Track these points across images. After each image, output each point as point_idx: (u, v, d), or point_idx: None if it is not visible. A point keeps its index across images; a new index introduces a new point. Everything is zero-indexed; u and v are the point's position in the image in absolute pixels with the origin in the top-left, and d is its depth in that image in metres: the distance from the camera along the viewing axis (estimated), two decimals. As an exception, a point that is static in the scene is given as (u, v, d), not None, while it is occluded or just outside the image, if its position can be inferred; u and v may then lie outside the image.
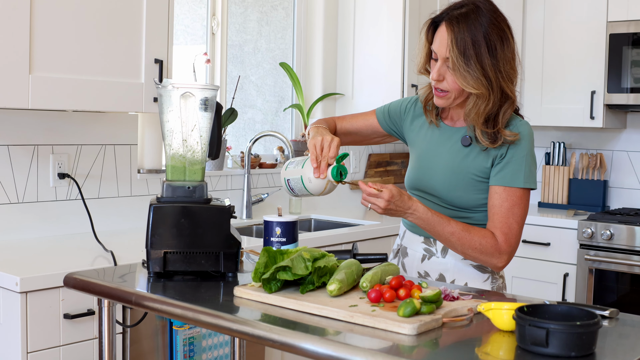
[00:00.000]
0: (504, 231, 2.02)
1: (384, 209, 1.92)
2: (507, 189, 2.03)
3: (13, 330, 2.20)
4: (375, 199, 1.91)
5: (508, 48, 1.98)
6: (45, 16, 2.45)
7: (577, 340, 1.33)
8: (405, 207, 1.95)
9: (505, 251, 2.02)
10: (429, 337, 1.46)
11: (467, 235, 2.00)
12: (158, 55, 2.77)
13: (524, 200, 2.05)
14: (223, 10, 3.71)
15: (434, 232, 2.01)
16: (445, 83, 2.01)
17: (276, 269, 1.66)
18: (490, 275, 2.15)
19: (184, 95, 1.90)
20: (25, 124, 2.79)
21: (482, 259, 2.03)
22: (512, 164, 2.03)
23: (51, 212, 2.88)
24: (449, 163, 2.10)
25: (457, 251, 2.03)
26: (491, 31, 1.95)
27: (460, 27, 1.95)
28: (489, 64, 1.95)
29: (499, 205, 2.03)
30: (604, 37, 3.97)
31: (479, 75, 1.94)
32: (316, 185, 1.96)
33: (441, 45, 1.98)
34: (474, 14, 1.96)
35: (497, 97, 1.99)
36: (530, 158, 2.05)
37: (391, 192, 1.90)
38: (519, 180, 2.02)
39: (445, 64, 1.99)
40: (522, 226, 2.06)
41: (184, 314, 1.65)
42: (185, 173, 1.94)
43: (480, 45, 1.94)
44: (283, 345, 1.46)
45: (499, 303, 1.49)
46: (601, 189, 4.31)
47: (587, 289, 3.78)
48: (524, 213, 2.05)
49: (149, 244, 1.88)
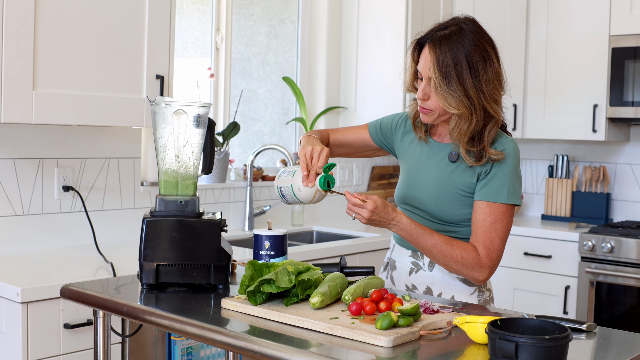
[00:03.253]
0: (486, 245, 2.05)
1: (368, 219, 1.97)
2: (490, 204, 2.06)
3: (14, 339, 2.25)
4: (360, 209, 1.96)
5: (491, 68, 2.02)
6: (48, 33, 2.52)
7: (546, 353, 1.37)
8: (389, 218, 1.99)
9: (486, 265, 2.05)
10: (405, 350, 1.50)
11: (449, 248, 2.04)
12: (159, 71, 2.83)
13: (507, 215, 2.08)
14: (227, 25, 3.78)
15: (416, 244, 2.05)
16: (430, 102, 2.06)
17: (261, 282, 1.70)
18: (477, 288, 2.18)
19: (177, 112, 1.96)
20: (31, 137, 2.86)
21: (464, 272, 2.06)
22: (496, 179, 2.06)
23: (55, 224, 2.95)
24: (436, 178, 2.14)
25: (440, 263, 2.07)
26: (473, 52, 1.99)
27: (442, 48, 2.00)
28: (471, 85, 1.98)
29: (482, 220, 2.07)
30: (607, 50, 4.00)
31: (461, 95, 1.98)
32: (305, 193, 2.01)
33: (425, 66, 2.04)
34: (457, 35, 2.01)
35: (480, 117, 2.03)
36: (515, 175, 2.08)
37: (375, 204, 1.95)
38: (502, 196, 2.06)
39: (429, 84, 2.04)
40: (505, 241, 2.09)
41: (172, 325, 1.70)
42: (177, 188, 2.00)
43: (462, 66, 1.98)
44: (264, 357, 1.51)
45: (474, 317, 1.53)
46: (604, 202, 4.32)
47: (588, 301, 3.80)
48: (506, 228, 2.09)
49: (142, 257, 1.94)
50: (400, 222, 2.01)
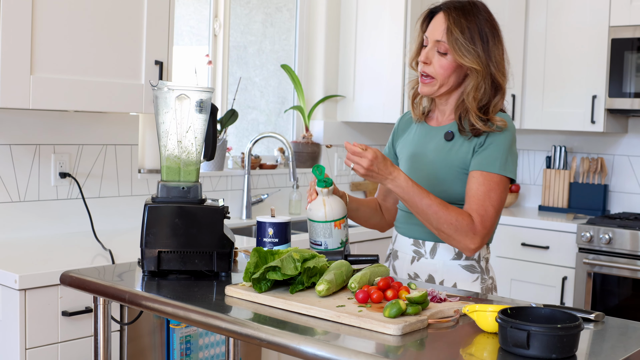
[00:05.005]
0: (480, 213, 2.03)
1: (367, 169, 1.95)
2: (484, 174, 2.06)
3: (12, 327, 2.23)
4: (359, 158, 1.94)
5: (500, 46, 2.11)
6: (46, 17, 2.49)
7: (558, 342, 1.35)
8: (387, 172, 1.98)
9: (479, 232, 2.02)
10: (414, 338, 1.48)
11: (445, 210, 2.01)
12: (158, 56, 2.80)
13: (501, 187, 2.07)
14: (225, 12, 3.74)
15: (411, 202, 2.01)
16: (432, 67, 2.11)
17: (266, 269, 1.68)
18: (480, 275, 2.17)
19: (180, 97, 1.93)
20: (27, 123, 2.82)
21: (456, 237, 2.02)
22: (491, 150, 2.08)
23: (52, 211, 2.92)
24: (435, 159, 2.16)
25: (432, 226, 2.03)
26: (485, 25, 2.10)
27: (457, 13, 2.09)
28: (482, 48, 2.07)
29: (475, 189, 2.05)
30: (606, 41, 3.98)
31: (474, 52, 2.06)
32: (315, 208, 2.02)
33: (435, 30, 2.10)
34: (471, 7, 2.11)
35: (489, 83, 2.09)
36: (510, 149, 2.09)
37: (375, 154, 1.94)
38: (495, 166, 2.06)
39: (435, 47, 2.10)
40: (498, 212, 2.07)
41: (176, 313, 1.68)
42: (180, 174, 1.97)
43: (475, 31, 2.08)
44: (270, 344, 1.49)
45: (484, 305, 1.52)
46: (601, 193, 4.32)
47: (585, 292, 3.80)
48: (500, 200, 2.07)
49: (144, 243, 1.91)
50: (398, 177, 1.99)
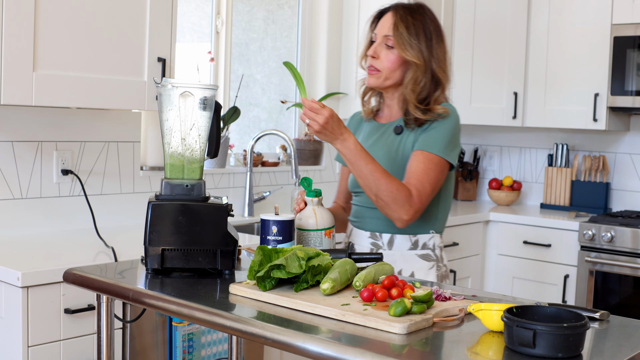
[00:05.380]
0: (417, 188, 2.10)
1: (322, 126, 2.00)
2: (424, 153, 2.15)
3: (14, 324, 2.22)
4: (316, 115, 2.00)
5: (443, 46, 2.26)
6: (49, 14, 2.48)
7: (564, 341, 1.35)
8: (339, 132, 2.03)
9: (415, 205, 2.09)
10: (419, 337, 1.47)
11: (387, 178, 2.07)
12: (161, 53, 2.79)
13: (440, 168, 2.15)
14: (228, 9, 3.74)
15: (356, 165, 2.06)
16: (379, 62, 2.24)
17: (270, 267, 1.68)
18: (435, 263, 2.28)
19: (183, 94, 1.93)
20: (30, 120, 2.82)
21: (392, 206, 2.08)
22: (432, 132, 2.18)
23: (54, 208, 2.91)
24: (386, 153, 2.24)
25: (371, 192, 2.08)
26: (430, 24, 2.24)
27: (405, 12, 2.24)
28: (426, 45, 2.21)
29: (415, 166, 2.13)
30: (609, 39, 3.98)
31: (417, 47, 2.19)
32: (306, 216, 2.08)
33: (383, 26, 2.25)
34: (417, 7, 2.27)
35: (429, 78, 2.22)
36: (451, 135, 2.20)
37: (331, 113, 2.01)
38: (436, 147, 2.14)
39: (383, 42, 2.23)
40: (434, 191, 2.15)
41: (180, 311, 1.67)
42: (183, 171, 1.97)
43: (420, 28, 2.21)
44: (275, 343, 1.48)
45: (489, 304, 1.51)
46: (603, 191, 4.31)
47: (587, 290, 3.79)
48: (437, 179, 2.14)
49: (147, 241, 1.90)
50: (348, 139, 2.05)
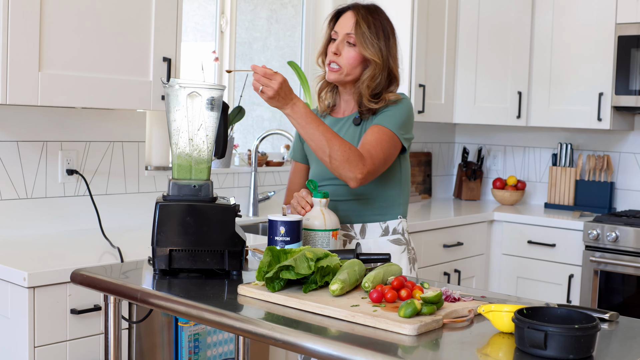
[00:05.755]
0: (370, 152, 2.17)
1: (277, 91, 2.03)
2: (379, 126, 2.25)
3: (20, 324, 2.22)
4: (269, 81, 2.03)
5: (396, 45, 2.37)
6: (54, 14, 2.47)
7: (576, 343, 1.34)
8: (290, 97, 2.08)
9: (368, 165, 2.15)
10: (429, 338, 1.47)
11: (340, 139, 2.13)
12: (166, 53, 2.79)
13: (393, 142, 2.25)
14: (232, 9, 3.73)
15: (308, 128, 2.10)
16: (340, 58, 2.32)
17: (279, 268, 1.67)
18: (406, 246, 2.40)
19: (191, 94, 1.92)
20: (35, 120, 2.81)
21: (345, 165, 2.11)
22: (387, 112, 2.29)
23: (59, 208, 2.91)
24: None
25: (325, 154, 2.11)
26: (386, 25, 2.35)
27: (364, 11, 2.33)
28: (384, 44, 2.31)
29: (369, 137, 2.23)
30: (613, 38, 3.97)
31: (376, 46, 2.29)
32: (314, 217, 2.10)
33: (344, 25, 2.33)
34: (374, 8, 2.37)
35: (385, 75, 2.32)
36: (406, 118, 2.30)
37: (284, 78, 2.06)
38: (389, 124, 2.25)
39: (345, 39, 2.31)
40: (385, 162, 2.23)
41: (189, 312, 1.67)
42: (191, 172, 1.96)
43: (379, 28, 2.32)
44: (285, 344, 1.48)
45: (499, 305, 1.51)
46: (608, 191, 4.31)
47: (592, 290, 3.79)
48: (390, 151, 2.23)
49: (155, 242, 1.90)
50: (298, 103, 2.10)
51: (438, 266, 3.81)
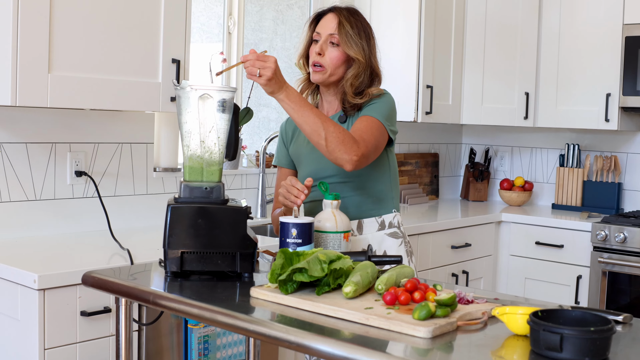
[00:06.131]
0: (363, 137, 2.21)
1: (274, 72, 2.04)
2: (367, 117, 2.30)
3: (31, 327, 2.22)
4: (264, 63, 2.03)
5: (376, 47, 2.43)
6: (64, 16, 2.47)
7: (591, 345, 1.34)
8: (283, 80, 2.10)
9: (362, 148, 2.18)
10: (443, 340, 1.47)
11: (332, 122, 2.16)
12: (175, 55, 2.79)
13: (380, 131, 2.29)
14: (240, 10, 3.73)
15: (302, 112, 2.12)
16: (324, 59, 2.35)
17: (293, 271, 1.67)
18: (402, 239, 2.43)
19: (202, 96, 1.92)
20: (43, 122, 2.82)
21: (340, 148, 2.13)
22: (372, 105, 2.33)
23: (68, 210, 2.91)
24: None
25: (320, 137, 2.12)
26: (366, 25, 2.41)
27: (346, 12, 2.38)
28: (366, 43, 2.36)
29: (358, 125, 2.27)
30: (620, 39, 3.96)
31: (359, 45, 2.34)
32: (324, 221, 2.09)
33: (327, 26, 2.36)
34: (354, 10, 2.42)
35: (368, 73, 2.37)
36: (390, 110, 2.35)
37: (276, 61, 2.06)
38: (377, 114, 2.30)
39: (328, 40, 2.35)
40: (376, 149, 2.26)
41: (202, 314, 1.67)
42: (202, 174, 1.96)
43: (360, 28, 2.37)
44: (299, 347, 1.48)
45: (514, 307, 1.50)
46: (615, 192, 4.30)
47: (600, 291, 3.78)
48: (378, 138, 2.27)
49: (167, 244, 1.90)
50: (290, 87, 2.13)
51: (446, 267, 3.80)
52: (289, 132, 2.58)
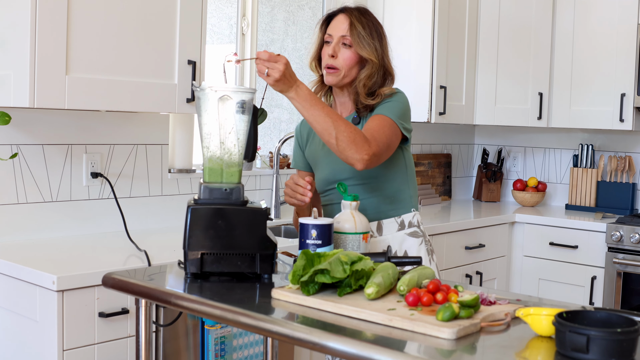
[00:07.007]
0: (374, 136, 2.19)
1: (283, 72, 2.03)
2: (380, 116, 2.28)
3: (49, 328, 2.22)
4: (274, 63, 2.03)
5: (388, 46, 2.41)
6: (81, 18, 2.48)
7: (618, 347, 1.33)
8: (294, 79, 2.09)
9: (373, 147, 2.15)
10: (467, 342, 1.46)
11: (344, 121, 2.14)
12: (191, 56, 2.79)
13: (394, 130, 2.27)
14: (253, 11, 3.73)
15: (313, 110, 2.11)
16: (337, 60, 2.34)
17: (314, 272, 1.67)
18: (422, 239, 2.42)
19: (222, 98, 1.92)
20: (59, 123, 2.82)
21: (351, 147, 2.12)
22: (385, 104, 2.32)
23: (84, 211, 2.91)
24: None
25: (331, 136, 2.11)
26: (378, 25, 2.40)
27: (357, 13, 2.37)
28: (379, 43, 2.36)
29: (370, 124, 2.25)
30: (635, 39, 3.95)
31: (372, 46, 2.34)
32: (344, 222, 2.07)
33: (338, 27, 2.35)
34: (365, 10, 2.41)
35: (381, 73, 2.36)
36: (404, 109, 2.33)
37: (287, 60, 2.06)
38: (389, 113, 2.28)
39: (340, 41, 2.34)
40: (388, 148, 2.24)
41: (223, 315, 1.67)
42: (222, 175, 1.96)
43: (372, 28, 2.36)
44: (323, 348, 1.47)
45: (538, 308, 1.50)
46: (629, 192, 4.28)
47: (614, 292, 3.77)
48: (391, 137, 2.25)
49: (187, 245, 1.90)
50: (301, 85, 2.12)
51: (460, 268, 3.79)
52: (304, 134, 2.58)
